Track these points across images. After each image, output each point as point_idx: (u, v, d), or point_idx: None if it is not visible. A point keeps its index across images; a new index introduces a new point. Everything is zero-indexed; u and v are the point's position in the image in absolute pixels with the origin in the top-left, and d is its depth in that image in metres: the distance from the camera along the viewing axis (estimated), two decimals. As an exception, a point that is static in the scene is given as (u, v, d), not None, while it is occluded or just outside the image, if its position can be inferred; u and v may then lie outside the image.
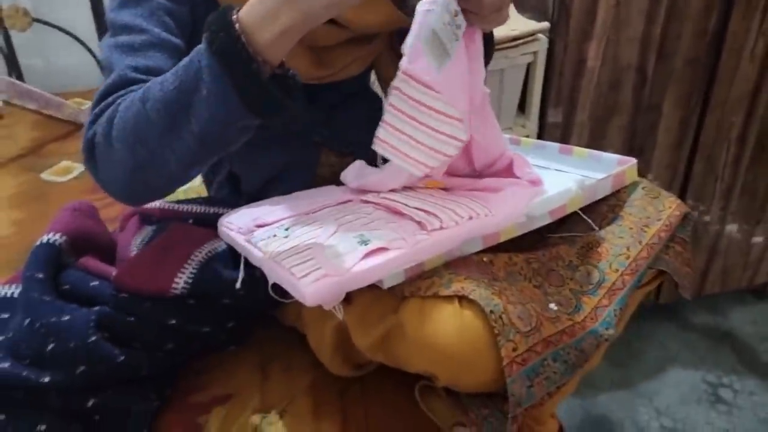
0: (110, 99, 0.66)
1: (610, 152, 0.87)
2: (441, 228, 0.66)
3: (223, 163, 0.89)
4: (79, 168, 1.23)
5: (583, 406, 1.52)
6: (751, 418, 1.48)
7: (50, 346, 0.69)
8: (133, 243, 0.81)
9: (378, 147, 0.68)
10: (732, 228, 1.65)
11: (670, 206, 0.78)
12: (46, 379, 0.68)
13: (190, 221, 0.86)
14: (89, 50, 1.61)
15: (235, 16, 0.57)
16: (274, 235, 0.68)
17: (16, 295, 0.76)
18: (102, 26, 1.58)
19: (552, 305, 0.68)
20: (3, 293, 0.77)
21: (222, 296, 0.75)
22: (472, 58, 0.70)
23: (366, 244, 0.63)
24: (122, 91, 0.66)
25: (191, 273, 0.74)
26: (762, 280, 1.78)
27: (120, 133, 0.63)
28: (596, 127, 1.42)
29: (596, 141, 1.44)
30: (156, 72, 0.65)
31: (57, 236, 0.81)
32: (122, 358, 0.70)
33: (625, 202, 0.79)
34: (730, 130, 1.49)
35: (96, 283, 0.75)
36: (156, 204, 0.89)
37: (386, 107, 0.67)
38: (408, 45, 0.65)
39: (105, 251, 0.85)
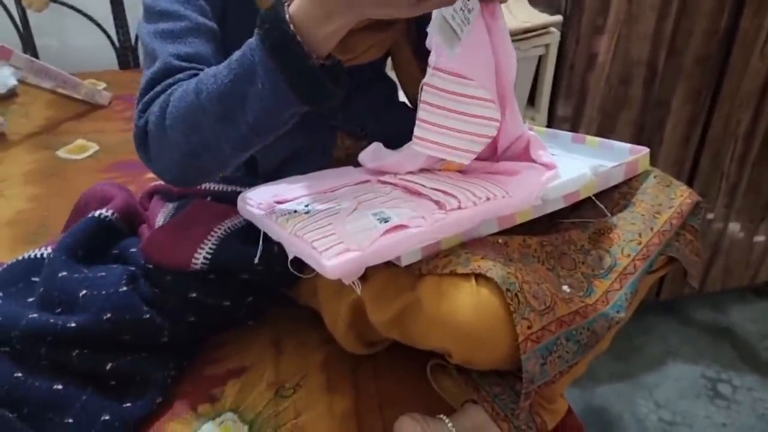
0: (159, 88, 0.68)
1: (620, 144, 0.89)
2: (459, 208, 0.67)
3: None
4: (94, 147, 1.25)
5: (583, 397, 1.54)
6: (749, 413, 1.50)
7: (83, 292, 0.73)
8: (158, 218, 0.83)
9: (418, 146, 0.70)
10: (735, 226, 1.67)
11: (681, 194, 0.79)
12: (72, 324, 0.71)
13: (208, 198, 0.88)
14: (105, 32, 1.62)
15: (288, 15, 0.59)
16: (295, 211, 0.70)
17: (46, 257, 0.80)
18: (118, 8, 1.59)
19: (565, 287, 0.70)
20: (34, 254, 0.80)
21: (241, 271, 0.77)
22: (495, 35, 0.70)
23: (386, 222, 0.64)
24: (169, 80, 0.68)
25: (210, 248, 0.76)
26: (763, 279, 1.80)
27: (174, 122, 0.66)
28: (605, 121, 1.43)
29: (605, 135, 1.45)
30: (197, 59, 0.69)
31: (109, 212, 0.86)
32: (147, 315, 0.73)
33: (638, 189, 0.81)
34: (737, 127, 1.51)
35: (134, 249, 0.79)
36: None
37: (420, 105, 0.69)
38: (432, 41, 0.67)
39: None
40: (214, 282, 0.76)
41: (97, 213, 0.85)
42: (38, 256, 0.84)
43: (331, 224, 0.65)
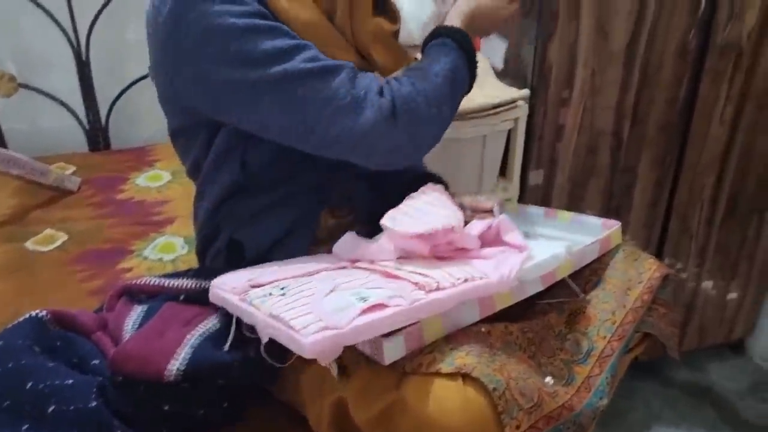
0: (374, 84, 0.80)
1: (589, 213, 0.90)
2: (438, 288, 0.67)
3: (222, 228, 0.90)
4: (63, 237, 1.22)
5: (570, 467, 1.51)
6: (734, 475, 1.49)
7: (51, 408, 0.69)
8: (125, 325, 0.80)
9: (388, 222, 0.75)
10: (708, 284, 1.69)
11: (650, 268, 0.81)
12: None
13: (182, 297, 0.85)
14: (74, 114, 1.61)
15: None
16: (270, 294, 0.69)
17: None
18: (87, 90, 1.59)
19: (548, 378, 0.70)
20: None
21: (216, 378, 0.75)
22: None
23: (364, 301, 0.64)
24: (371, 78, 0.80)
25: (184, 358, 0.73)
26: (738, 335, 1.82)
27: (424, 107, 0.80)
28: (575, 189, 1.46)
29: (575, 202, 1.48)
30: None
31: (43, 312, 0.82)
32: (118, 431, 0.69)
33: (608, 264, 0.82)
34: (702, 191, 1.55)
35: (97, 362, 0.76)
36: (145, 280, 0.88)
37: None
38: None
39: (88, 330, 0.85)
40: (188, 391, 0.73)
41: (33, 313, 0.82)
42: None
43: (308, 304, 0.64)
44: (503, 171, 1.45)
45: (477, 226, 0.79)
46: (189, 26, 0.74)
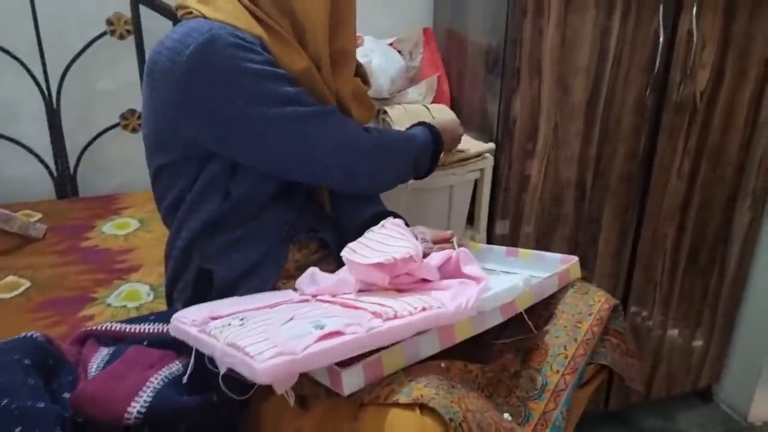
0: (356, 122, 1.01)
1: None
2: (395, 317, 0.68)
3: (193, 260, 0.92)
4: (25, 284, 1.20)
5: None
6: None
7: (17, 430, 0.68)
8: (90, 366, 0.79)
9: (349, 255, 0.79)
10: (673, 333, 1.72)
11: (599, 300, 0.83)
12: None
13: (145, 342, 0.85)
14: (42, 162, 1.60)
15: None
16: (229, 324, 0.69)
17: None
18: (57, 137, 1.59)
19: (506, 415, 0.71)
20: None
21: (178, 423, 0.74)
22: None
23: (321, 328, 0.64)
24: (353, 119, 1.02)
25: (145, 401, 0.73)
26: (705, 382, 1.84)
27: (388, 152, 1.05)
28: (541, 239, 1.49)
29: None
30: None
31: (38, 334, 0.83)
32: None
33: (559, 300, 0.84)
34: (665, 241, 1.59)
35: (67, 394, 0.75)
36: (106, 326, 0.88)
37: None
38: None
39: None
40: (149, 435, 0.72)
41: (27, 333, 0.83)
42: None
43: (265, 332, 0.64)
44: (471, 220, 1.47)
45: (436, 257, 0.81)
46: (214, 66, 0.84)
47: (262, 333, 0.65)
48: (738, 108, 1.50)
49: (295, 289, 0.86)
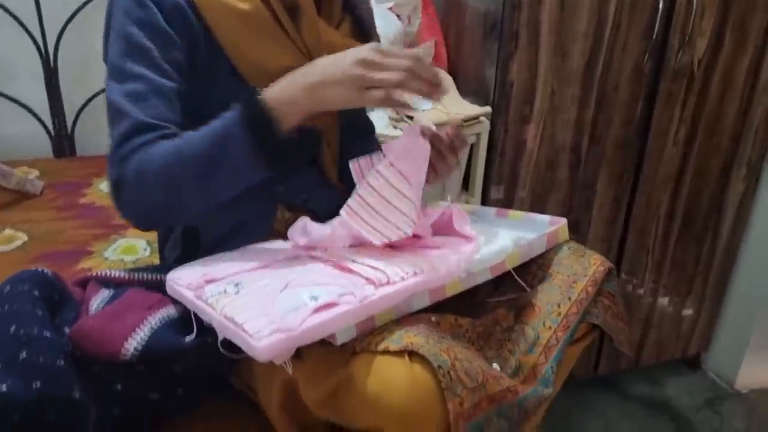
0: (132, 144, 0.76)
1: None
2: (388, 283, 0.69)
3: None
4: (23, 237, 1.21)
5: (529, 479, 1.52)
6: (689, 487, 1.51)
7: (23, 355, 0.71)
8: (91, 305, 0.81)
9: (348, 216, 0.75)
10: (664, 300, 1.74)
11: (594, 263, 0.84)
12: (4, 388, 0.68)
13: (144, 289, 0.86)
14: (40, 120, 1.60)
15: (266, 103, 0.73)
16: (225, 291, 0.70)
17: None
18: (54, 97, 1.59)
19: (495, 365, 0.72)
20: None
21: (173, 363, 0.75)
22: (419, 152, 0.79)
23: (316, 300, 0.65)
24: (143, 137, 0.76)
25: (142, 339, 0.74)
26: (694, 350, 1.86)
27: (154, 178, 0.75)
28: (536, 204, 1.50)
29: (536, 217, 1.52)
30: (163, 117, 0.77)
31: (47, 270, 0.86)
32: (77, 395, 0.70)
33: (553, 261, 0.85)
34: (658, 208, 1.60)
35: (69, 329, 0.77)
36: (108, 272, 0.89)
37: (363, 184, 0.76)
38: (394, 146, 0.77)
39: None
40: (143, 374, 0.74)
41: (37, 268, 0.86)
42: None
43: (261, 305, 0.66)
44: (466, 185, 1.48)
45: (431, 214, 0.81)
46: (108, 11, 0.84)
47: (258, 307, 0.66)
48: (736, 76, 1.50)
49: (286, 239, 0.86)
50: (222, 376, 0.83)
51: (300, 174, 0.93)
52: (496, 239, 0.81)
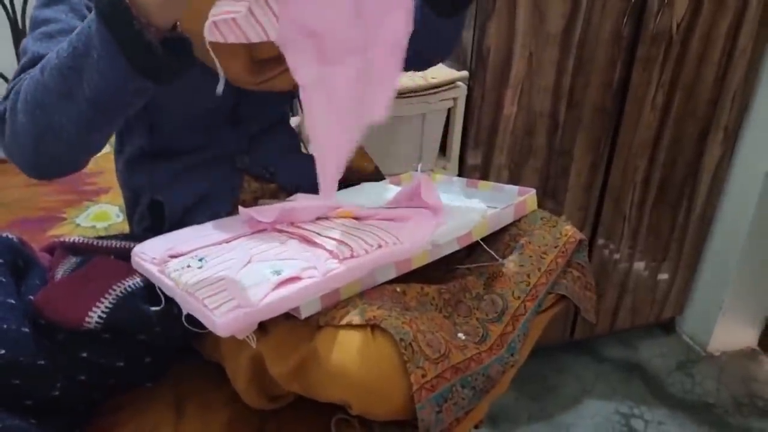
0: (23, 77, 0.70)
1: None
2: (352, 256, 0.69)
3: (144, 190, 0.91)
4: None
5: (503, 439, 1.55)
6: (660, 447, 1.55)
7: None
8: (57, 273, 0.80)
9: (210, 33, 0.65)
10: (640, 265, 1.76)
11: (566, 234, 0.84)
12: None
13: (112, 257, 0.85)
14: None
15: None
16: (188, 266, 0.69)
17: None
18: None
19: (460, 335, 0.72)
20: None
21: (138, 332, 0.75)
22: None
23: (278, 274, 0.65)
24: (32, 70, 0.69)
25: (107, 307, 0.73)
26: (668, 314, 1.89)
27: (23, 104, 0.67)
28: (513, 170, 1.50)
29: (513, 183, 1.51)
30: None
31: (12, 235, 0.82)
32: (41, 361, 0.70)
33: (526, 231, 0.85)
34: (635, 174, 1.61)
35: (33, 298, 0.75)
36: (77, 239, 0.88)
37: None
38: None
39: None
40: (108, 342, 0.74)
41: (3, 234, 0.83)
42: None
43: (223, 279, 0.65)
44: (443, 150, 1.47)
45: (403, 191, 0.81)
46: None
47: (219, 282, 0.65)
48: (714, 40, 1.49)
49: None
50: (190, 346, 0.83)
51: (264, 144, 0.92)
52: (465, 210, 0.81)
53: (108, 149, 1.44)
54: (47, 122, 0.67)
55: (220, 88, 0.64)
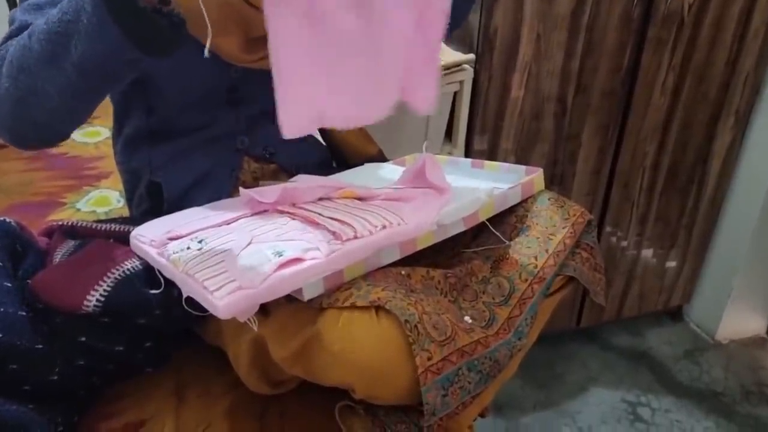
0: (9, 44, 0.69)
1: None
2: (355, 237, 0.67)
3: (143, 171, 0.89)
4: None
5: (507, 427, 1.54)
6: (667, 435, 1.54)
7: None
8: (55, 256, 0.79)
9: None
10: (648, 253, 1.74)
11: (574, 214, 0.82)
12: None
13: (111, 240, 0.84)
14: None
15: None
16: (188, 248, 0.68)
17: None
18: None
19: (467, 318, 0.71)
20: None
21: (137, 315, 0.73)
22: None
23: (280, 255, 0.63)
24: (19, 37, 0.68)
25: (105, 290, 0.72)
26: (676, 302, 1.87)
27: (7, 68, 0.66)
28: (520, 155, 1.47)
29: (520, 168, 1.50)
30: None
31: (11, 219, 0.81)
32: (40, 346, 0.69)
33: (532, 212, 0.83)
34: (644, 159, 1.58)
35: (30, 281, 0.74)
36: (75, 222, 0.87)
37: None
38: None
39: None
40: (107, 326, 0.72)
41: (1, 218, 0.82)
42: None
43: (223, 261, 0.63)
44: (449, 134, 1.45)
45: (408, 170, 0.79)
46: None
47: (220, 263, 0.64)
48: (726, 22, 1.46)
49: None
50: (191, 332, 0.82)
51: (264, 125, 0.90)
52: (471, 190, 0.79)
53: (108, 134, 1.42)
54: (31, 86, 0.65)
55: (207, 52, 0.61)
